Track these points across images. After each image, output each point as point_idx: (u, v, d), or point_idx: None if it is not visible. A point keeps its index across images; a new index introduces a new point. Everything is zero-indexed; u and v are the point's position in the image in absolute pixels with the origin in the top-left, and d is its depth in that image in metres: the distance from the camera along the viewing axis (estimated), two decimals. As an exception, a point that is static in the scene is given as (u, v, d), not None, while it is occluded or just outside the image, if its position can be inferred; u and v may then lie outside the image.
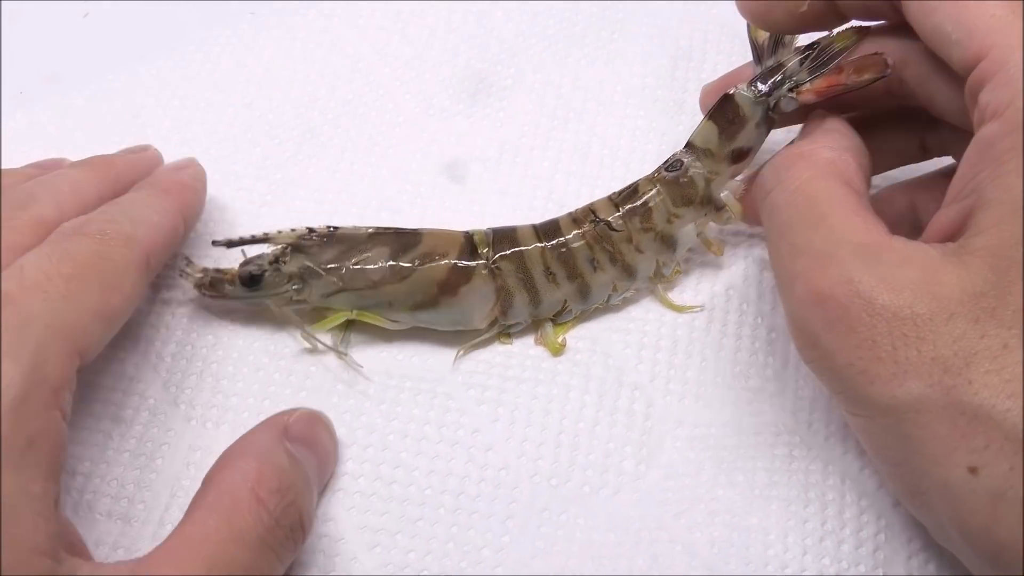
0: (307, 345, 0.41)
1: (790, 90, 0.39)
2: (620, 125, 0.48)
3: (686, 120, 0.48)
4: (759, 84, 0.40)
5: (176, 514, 0.37)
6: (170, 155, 0.44)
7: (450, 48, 0.50)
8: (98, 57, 0.48)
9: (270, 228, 0.41)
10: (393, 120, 0.48)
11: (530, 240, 0.41)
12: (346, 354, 0.40)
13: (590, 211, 0.41)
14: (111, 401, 0.39)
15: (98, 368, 0.40)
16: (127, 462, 0.38)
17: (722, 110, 0.40)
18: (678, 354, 0.42)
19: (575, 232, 0.41)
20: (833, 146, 0.35)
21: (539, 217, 0.45)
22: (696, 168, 0.41)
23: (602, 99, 0.49)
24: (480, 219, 0.45)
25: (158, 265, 0.38)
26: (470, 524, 0.37)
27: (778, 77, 0.40)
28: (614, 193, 0.42)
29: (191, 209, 0.41)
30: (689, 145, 0.41)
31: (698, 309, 0.42)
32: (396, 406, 0.40)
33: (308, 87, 0.48)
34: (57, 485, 0.30)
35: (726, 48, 0.50)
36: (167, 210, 0.38)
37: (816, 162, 0.34)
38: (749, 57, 0.42)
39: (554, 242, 0.41)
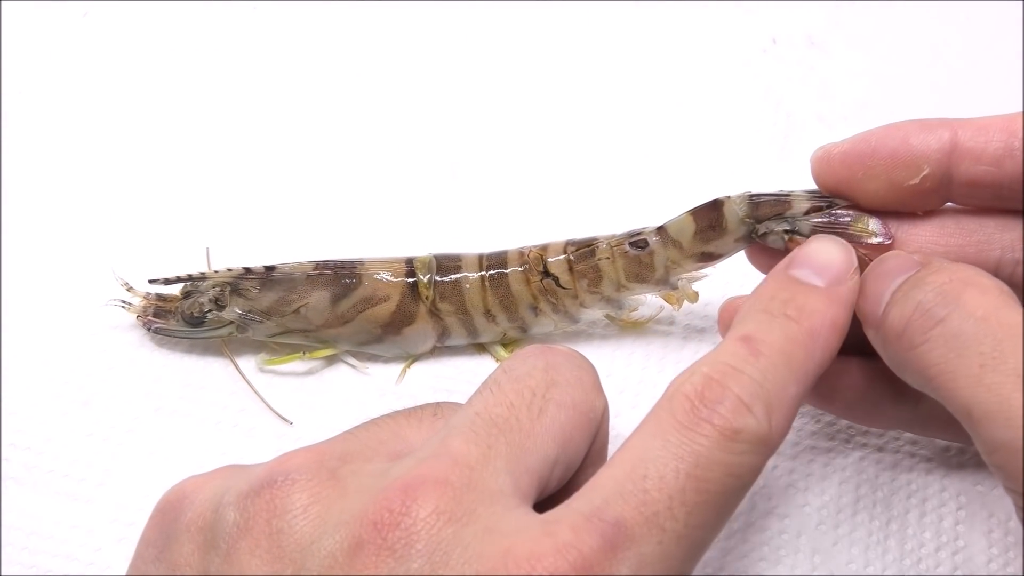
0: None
1: (785, 232, 0.36)
2: (616, 137, 0.48)
3: (689, 137, 0.48)
4: (756, 207, 0.37)
5: (135, 500, 0.38)
6: (159, 142, 0.46)
7: (447, 49, 0.51)
8: (98, 56, 0.50)
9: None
10: (383, 119, 0.49)
11: (474, 271, 0.40)
12: (272, 408, 0.40)
13: (540, 259, 0.40)
14: (83, 386, 0.40)
15: (76, 354, 0.41)
16: (92, 446, 0.39)
17: (706, 212, 0.37)
18: (649, 368, 0.41)
19: (521, 280, 0.40)
20: (987, 275, 0.31)
21: (520, 228, 0.45)
22: (659, 255, 0.39)
23: (596, 107, 0.49)
24: (462, 225, 0.46)
25: None
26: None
27: (778, 211, 0.36)
28: (570, 244, 0.40)
29: None
30: (661, 229, 0.39)
31: (651, 323, 0.42)
32: (363, 406, 0.40)
33: (303, 78, 0.49)
34: None
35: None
36: None
37: (990, 289, 0.30)
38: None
39: (497, 284, 0.40)
